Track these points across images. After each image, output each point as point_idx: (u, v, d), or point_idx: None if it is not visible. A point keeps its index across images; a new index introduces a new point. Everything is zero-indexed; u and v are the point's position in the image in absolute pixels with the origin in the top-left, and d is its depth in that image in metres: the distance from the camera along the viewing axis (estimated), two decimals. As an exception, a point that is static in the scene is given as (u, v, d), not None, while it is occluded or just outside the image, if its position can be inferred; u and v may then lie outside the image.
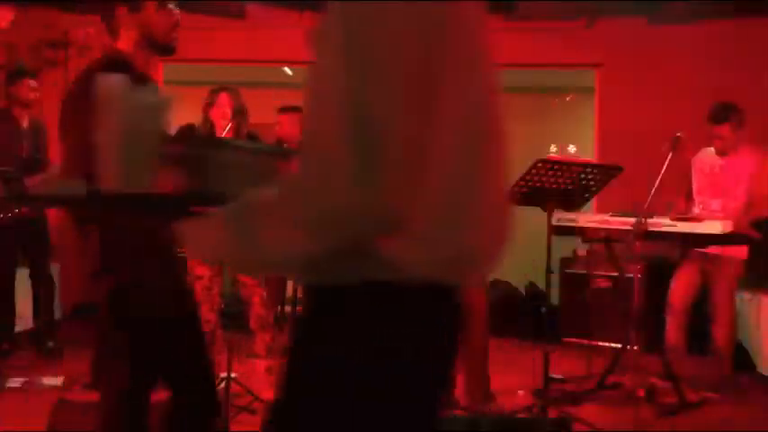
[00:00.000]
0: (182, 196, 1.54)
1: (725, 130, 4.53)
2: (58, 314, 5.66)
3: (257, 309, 4.33)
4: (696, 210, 4.64)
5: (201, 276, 4.26)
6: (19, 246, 5.21)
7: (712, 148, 4.66)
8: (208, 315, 4.27)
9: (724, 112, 4.53)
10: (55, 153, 5.49)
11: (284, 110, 5.68)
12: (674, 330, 4.65)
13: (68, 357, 5.23)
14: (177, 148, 1.63)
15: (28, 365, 4.92)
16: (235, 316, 5.07)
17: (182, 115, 8.34)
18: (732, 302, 4.58)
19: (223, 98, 4.27)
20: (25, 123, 5.30)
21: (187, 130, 4.35)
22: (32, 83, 5.31)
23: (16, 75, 5.36)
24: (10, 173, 5.05)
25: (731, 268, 4.52)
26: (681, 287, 4.66)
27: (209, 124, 4.31)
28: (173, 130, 4.30)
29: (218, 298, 4.29)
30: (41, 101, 5.34)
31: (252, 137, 4.34)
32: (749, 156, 4.56)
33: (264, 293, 4.35)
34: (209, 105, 4.32)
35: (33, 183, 5.09)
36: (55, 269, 5.54)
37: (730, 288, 4.55)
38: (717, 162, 4.63)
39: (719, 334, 4.49)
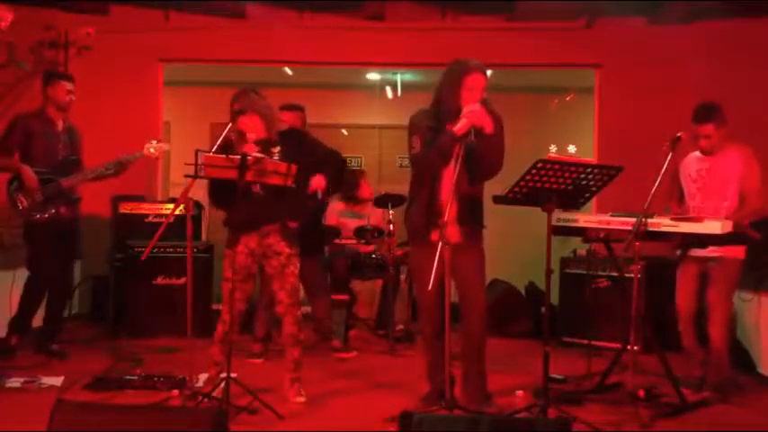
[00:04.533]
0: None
1: (709, 129, 4.53)
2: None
3: (289, 327, 4.30)
4: (690, 214, 4.64)
5: (228, 279, 4.22)
6: (53, 246, 5.20)
7: (697, 152, 4.66)
8: (225, 316, 4.24)
9: (707, 112, 4.54)
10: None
11: (285, 107, 5.67)
12: (686, 336, 4.68)
13: (69, 357, 5.24)
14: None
15: (28, 365, 4.92)
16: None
17: (182, 115, 8.36)
18: (728, 303, 4.57)
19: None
20: (60, 125, 5.28)
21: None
22: (69, 85, 5.28)
23: (53, 76, 5.33)
24: (47, 174, 5.11)
25: (728, 269, 4.52)
26: (684, 294, 4.66)
27: (239, 133, 4.18)
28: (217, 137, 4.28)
29: (240, 304, 4.25)
30: (39, 98, 5.31)
31: (289, 134, 4.32)
32: (735, 154, 4.55)
33: (298, 313, 4.30)
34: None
35: (69, 184, 5.17)
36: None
37: (726, 289, 4.54)
38: (703, 165, 4.63)
39: (715, 334, 4.49)
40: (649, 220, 4.08)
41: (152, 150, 5.18)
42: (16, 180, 5.08)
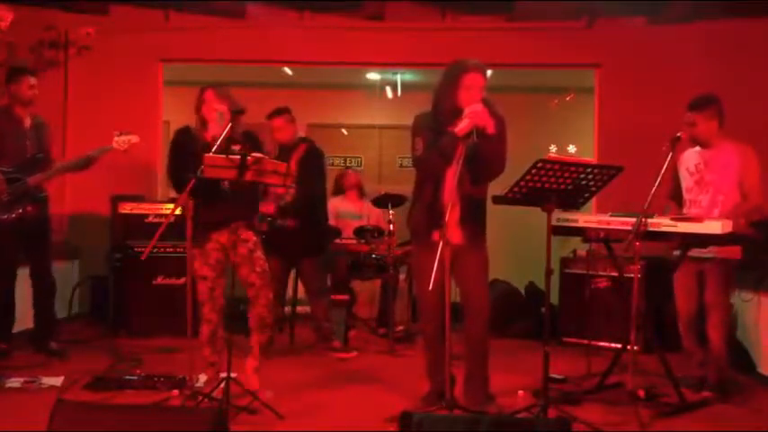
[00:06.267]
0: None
1: (693, 117, 4.52)
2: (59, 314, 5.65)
3: (259, 309, 4.32)
4: (686, 209, 4.64)
5: (206, 277, 4.25)
6: (22, 245, 5.18)
7: (697, 147, 4.66)
8: (210, 315, 4.28)
9: (698, 101, 4.55)
10: (56, 151, 5.51)
11: (275, 114, 5.64)
12: (686, 337, 4.68)
13: (69, 357, 5.24)
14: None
15: (28, 365, 4.92)
16: (236, 317, 5.07)
17: (182, 115, 8.37)
18: (726, 303, 4.57)
19: (209, 95, 4.28)
20: (27, 122, 5.23)
21: (184, 132, 4.36)
22: (32, 80, 5.22)
23: (16, 72, 5.26)
24: (13, 173, 5.05)
25: (724, 269, 4.51)
26: (683, 295, 4.66)
27: (202, 123, 4.30)
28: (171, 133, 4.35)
29: (221, 299, 4.29)
30: (39, 98, 5.29)
31: (248, 136, 4.33)
32: (732, 149, 4.54)
33: (270, 296, 4.34)
34: (199, 105, 4.32)
35: (35, 182, 5.11)
36: (56, 269, 5.53)
37: (723, 289, 4.54)
38: (701, 159, 4.63)
39: (714, 335, 4.49)
40: (649, 220, 4.08)
41: (122, 143, 5.09)
42: None
